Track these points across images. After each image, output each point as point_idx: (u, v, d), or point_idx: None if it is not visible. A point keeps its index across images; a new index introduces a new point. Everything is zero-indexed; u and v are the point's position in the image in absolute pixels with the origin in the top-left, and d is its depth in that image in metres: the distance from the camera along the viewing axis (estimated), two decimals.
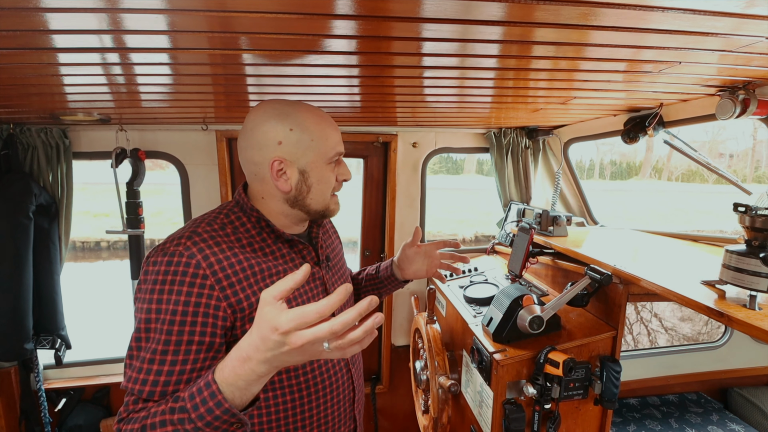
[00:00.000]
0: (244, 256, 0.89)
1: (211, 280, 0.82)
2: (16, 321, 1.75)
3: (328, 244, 1.14)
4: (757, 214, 0.91)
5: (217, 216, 0.94)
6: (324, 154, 0.94)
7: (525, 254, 1.68)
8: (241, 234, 0.92)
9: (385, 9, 0.67)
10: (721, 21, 0.72)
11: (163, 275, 0.80)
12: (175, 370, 0.78)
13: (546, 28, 0.76)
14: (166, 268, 0.81)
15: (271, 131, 0.90)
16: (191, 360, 0.79)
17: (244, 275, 0.87)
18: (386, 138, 2.21)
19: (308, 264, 0.65)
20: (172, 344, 0.78)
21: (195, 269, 0.81)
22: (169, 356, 0.78)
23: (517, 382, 1.27)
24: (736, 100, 1.20)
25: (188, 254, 0.82)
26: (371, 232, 2.42)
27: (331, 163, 0.97)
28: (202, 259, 0.82)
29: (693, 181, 29.39)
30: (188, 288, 0.80)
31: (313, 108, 0.96)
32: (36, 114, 1.61)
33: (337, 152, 0.97)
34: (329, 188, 0.99)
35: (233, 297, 0.84)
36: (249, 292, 0.87)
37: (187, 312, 0.79)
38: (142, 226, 1.96)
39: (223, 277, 0.84)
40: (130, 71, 1.05)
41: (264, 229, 0.96)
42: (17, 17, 0.67)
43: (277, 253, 0.95)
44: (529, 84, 1.25)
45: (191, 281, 0.80)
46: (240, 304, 0.85)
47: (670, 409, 2.38)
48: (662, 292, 1.07)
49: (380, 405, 2.54)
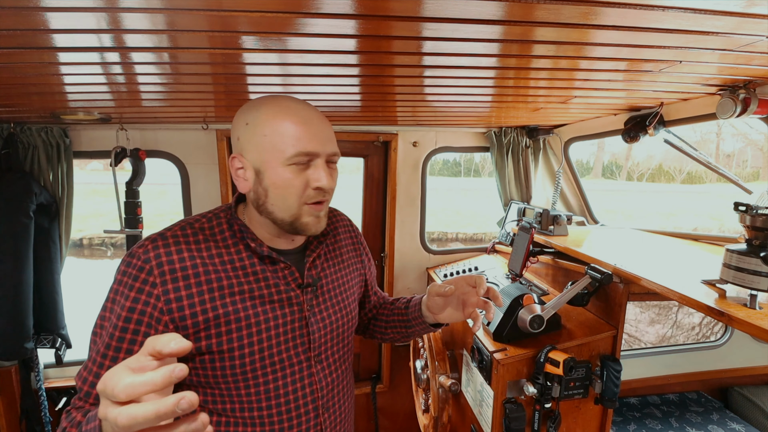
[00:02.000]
0: (206, 268, 0.82)
1: (158, 290, 0.78)
2: (16, 320, 1.75)
3: (330, 264, 0.99)
4: (758, 213, 0.91)
5: (199, 219, 0.89)
6: (281, 152, 0.80)
7: (525, 253, 1.68)
8: (213, 242, 0.85)
9: (386, 8, 0.67)
10: (721, 20, 0.72)
11: (120, 275, 0.80)
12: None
13: (546, 28, 0.76)
14: (124, 269, 0.80)
15: (234, 126, 0.85)
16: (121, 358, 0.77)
17: (198, 290, 0.80)
18: (387, 137, 2.21)
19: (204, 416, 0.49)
20: (111, 349, 0.77)
21: (146, 275, 0.78)
22: (107, 360, 0.77)
23: (517, 382, 1.27)
24: (737, 99, 1.20)
25: (144, 258, 0.79)
26: (371, 231, 2.42)
27: (294, 165, 0.81)
28: (155, 265, 0.79)
29: (658, 181, 29.19)
30: (135, 294, 0.78)
31: (285, 100, 0.83)
32: (36, 113, 1.61)
33: (298, 152, 0.80)
34: (292, 194, 0.82)
35: (178, 312, 0.79)
36: (200, 308, 0.80)
37: (130, 319, 0.77)
38: (140, 226, 1.96)
39: (173, 288, 0.79)
40: (130, 70, 1.05)
41: (244, 239, 0.88)
42: (17, 16, 0.67)
43: (249, 270, 0.86)
44: (529, 83, 1.24)
45: (140, 287, 0.78)
46: (183, 321, 0.79)
47: (671, 408, 2.38)
48: (663, 292, 1.07)
49: (380, 404, 2.54)
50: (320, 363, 0.93)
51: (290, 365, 0.88)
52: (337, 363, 0.97)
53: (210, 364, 0.82)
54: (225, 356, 0.82)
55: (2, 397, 1.95)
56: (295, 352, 0.88)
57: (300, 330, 0.89)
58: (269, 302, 0.86)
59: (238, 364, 0.83)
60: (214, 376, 0.83)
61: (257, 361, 0.84)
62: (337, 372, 0.97)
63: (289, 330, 0.88)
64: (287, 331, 0.87)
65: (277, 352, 0.86)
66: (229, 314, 0.82)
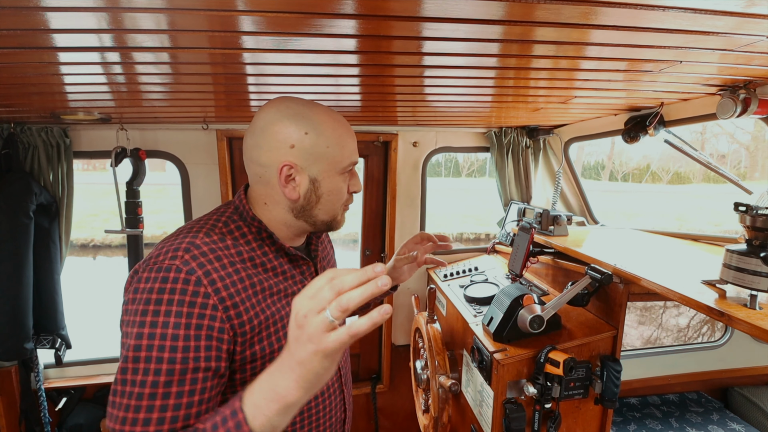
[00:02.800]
0: (246, 273, 0.81)
1: (213, 299, 0.73)
2: (16, 320, 1.75)
3: (324, 256, 1.09)
4: (758, 214, 0.91)
5: (215, 224, 0.85)
6: (338, 163, 0.88)
7: (525, 254, 1.68)
8: (241, 247, 0.84)
9: (386, 8, 0.67)
10: (721, 20, 0.72)
11: (158, 294, 0.70)
12: (182, 403, 0.67)
13: (546, 27, 0.76)
14: (161, 285, 0.71)
15: (283, 132, 0.82)
16: (198, 390, 0.69)
17: (246, 294, 0.79)
18: (387, 137, 2.21)
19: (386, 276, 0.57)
20: (177, 374, 0.67)
21: (195, 287, 0.72)
22: (173, 388, 0.67)
23: (517, 382, 1.27)
24: (737, 99, 1.20)
25: (187, 269, 0.73)
26: (372, 231, 2.42)
27: (345, 174, 0.90)
28: (203, 275, 0.73)
29: (646, 182, 29.15)
30: (188, 308, 0.70)
31: (332, 112, 0.89)
32: (36, 113, 1.61)
33: (351, 162, 0.90)
34: (340, 200, 0.92)
35: (236, 318, 0.76)
36: (252, 313, 0.79)
37: (189, 336, 0.69)
38: (141, 225, 1.96)
39: (227, 296, 0.75)
40: (130, 70, 1.05)
41: (265, 241, 0.89)
42: (18, 16, 0.67)
43: (278, 269, 0.89)
44: (529, 83, 1.25)
45: (191, 300, 0.71)
46: (242, 327, 0.77)
47: (671, 408, 2.38)
48: (663, 292, 1.07)
49: (381, 404, 2.54)
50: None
51: None
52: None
53: (261, 368, 0.77)
54: (276, 356, 0.77)
55: (2, 397, 1.95)
56: None
57: None
58: None
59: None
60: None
61: None
62: (347, 351, 1.09)
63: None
64: None
65: None
66: (274, 315, 0.83)
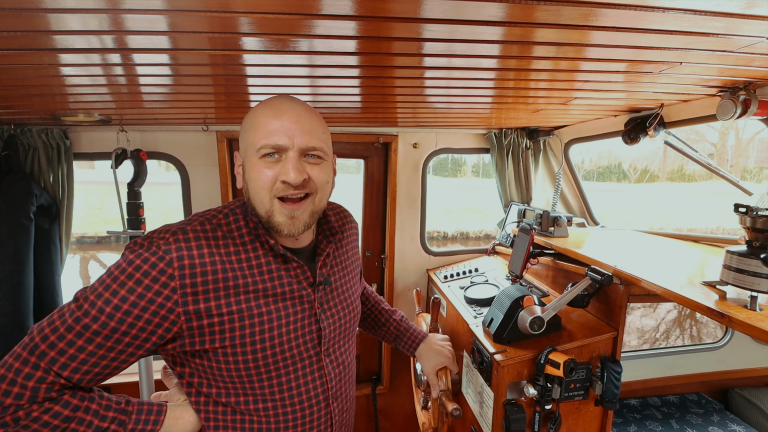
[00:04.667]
0: (223, 266, 0.82)
1: (175, 282, 0.78)
2: (16, 322, 1.75)
3: (338, 262, 1.03)
4: (758, 215, 0.91)
5: (216, 215, 0.89)
6: (253, 145, 0.83)
7: (525, 255, 1.68)
8: (231, 239, 0.86)
9: (386, 9, 0.67)
10: (721, 21, 0.72)
11: (132, 268, 0.77)
12: (101, 363, 0.77)
13: (546, 29, 0.76)
14: (137, 256, 0.77)
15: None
16: (117, 350, 0.77)
17: (216, 285, 0.81)
18: (387, 138, 2.21)
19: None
20: (108, 329, 0.75)
21: (164, 266, 0.77)
22: (98, 338, 0.75)
23: (517, 383, 1.27)
24: (737, 100, 1.20)
25: (164, 250, 0.78)
26: (372, 232, 2.41)
27: (265, 157, 0.83)
28: (176, 258, 0.78)
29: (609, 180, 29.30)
30: (149, 282, 0.76)
31: (275, 97, 0.87)
32: (37, 115, 1.61)
33: (264, 143, 0.82)
34: (262, 188, 0.83)
35: (195, 305, 0.79)
36: (220, 302, 0.81)
37: (137, 305, 0.76)
38: (143, 227, 1.96)
39: (191, 283, 0.79)
40: (130, 72, 1.05)
41: (259, 237, 0.88)
42: (19, 18, 0.67)
43: (264, 268, 0.87)
44: (529, 84, 1.25)
45: (155, 276, 0.76)
46: (200, 313, 0.80)
47: (671, 409, 2.38)
48: (663, 293, 1.07)
49: (381, 405, 2.54)
50: (329, 356, 0.96)
51: (301, 359, 0.91)
52: (344, 355, 1.02)
53: (223, 359, 0.84)
54: (238, 350, 0.83)
55: None
56: (305, 348, 0.91)
57: (310, 327, 0.92)
58: (281, 300, 0.88)
59: (251, 358, 0.85)
60: (228, 370, 0.85)
61: (269, 356, 0.86)
62: (344, 363, 1.01)
63: (299, 327, 0.90)
64: (297, 328, 0.90)
65: (288, 348, 0.88)
66: (243, 311, 0.83)
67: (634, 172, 28.50)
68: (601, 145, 25.32)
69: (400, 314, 1.40)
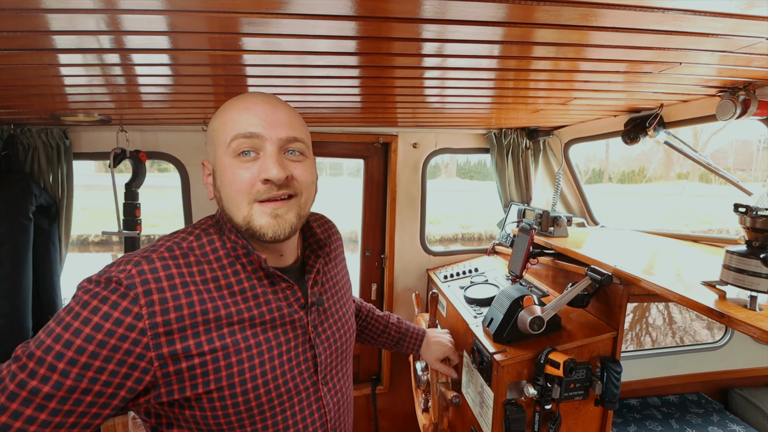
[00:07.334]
0: (200, 296, 0.71)
1: (143, 323, 0.65)
2: (15, 322, 1.75)
3: (328, 279, 0.93)
4: (758, 215, 0.91)
5: (186, 237, 0.77)
6: (223, 141, 0.73)
7: (525, 255, 1.68)
8: (207, 264, 0.74)
9: (386, 10, 0.67)
10: (721, 22, 0.72)
11: (89, 299, 0.64)
12: (54, 421, 0.62)
13: (546, 29, 0.76)
14: (94, 296, 0.64)
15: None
16: (76, 413, 0.63)
17: (193, 320, 0.69)
18: (387, 138, 2.21)
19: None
20: (64, 390, 0.61)
21: (128, 304, 0.65)
22: (52, 403, 0.61)
23: (517, 383, 1.27)
24: (737, 100, 1.20)
25: (126, 285, 0.65)
26: (372, 232, 2.41)
27: (240, 155, 0.73)
28: (142, 293, 0.66)
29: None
30: (111, 326, 0.63)
31: (248, 93, 0.79)
32: (36, 115, 1.61)
33: (236, 134, 0.72)
34: (238, 190, 0.73)
35: (170, 346, 0.67)
36: (200, 339, 0.69)
37: (97, 355, 0.62)
38: (138, 228, 1.96)
39: (163, 321, 0.66)
40: (130, 72, 1.05)
41: (239, 258, 0.77)
42: (18, 18, 0.67)
43: (249, 293, 0.76)
44: (529, 85, 1.25)
45: (118, 318, 0.63)
46: (178, 355, 0.68)
47: (671, 409, 2.38)
48: (662, 293, 1.07)
49: (380, 405, 2.54)
50: (326, 385, 0.87)
51: (297, 393, 0.81)
52: (342, 381, 0.93)
53: (209, 405, 0.72)
54: (225, 393, 0.72)
55: None
56: (301, 379, 0.82)
57: (305, 354, 0.83)
58: (271, 328, 0.77)
59: (242, 401, 0.73)
60: (215, 417, 0.73)
61: (263, 395, 0.75)
62: (342, 390, 0.92)
63: (294, 357, 0.80)
64: (292, 358, 0.80)
65: (284, 382, 0.78)
66: (228, 347, 0.72)
67: (585, 173, 28.78)
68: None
69: (395, 317, 1.39)
